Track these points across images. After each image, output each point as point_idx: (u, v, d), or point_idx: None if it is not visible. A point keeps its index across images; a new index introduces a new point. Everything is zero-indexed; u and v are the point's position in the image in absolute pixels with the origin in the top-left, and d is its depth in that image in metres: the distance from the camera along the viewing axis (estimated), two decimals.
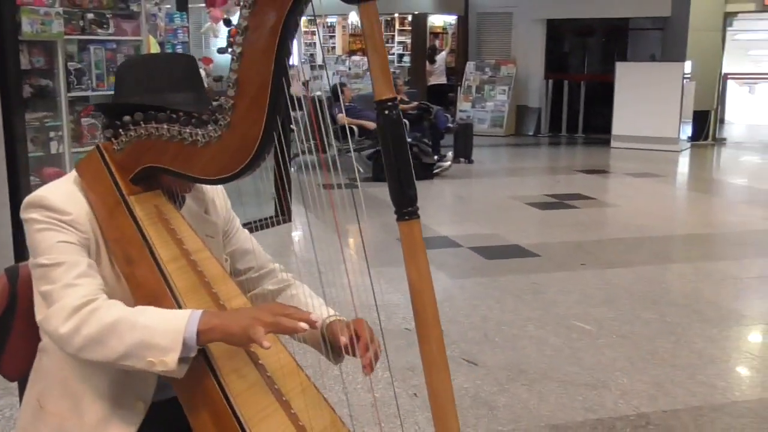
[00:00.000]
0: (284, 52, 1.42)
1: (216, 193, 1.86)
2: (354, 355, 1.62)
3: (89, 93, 4.93)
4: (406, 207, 1.43)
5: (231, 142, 1.47)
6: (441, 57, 14.89)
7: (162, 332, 1.40)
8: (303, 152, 1.61)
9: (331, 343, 1.70)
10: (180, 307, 1.51)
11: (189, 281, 1.60)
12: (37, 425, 1.62)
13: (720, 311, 4.57)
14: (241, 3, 1.44)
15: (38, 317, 1.49)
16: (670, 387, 3.49)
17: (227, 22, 5.13)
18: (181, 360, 1.41)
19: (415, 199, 1.43)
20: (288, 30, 1.40)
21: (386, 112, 1.40)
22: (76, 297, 1.44)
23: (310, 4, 1.41)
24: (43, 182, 4.56)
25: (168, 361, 1.39)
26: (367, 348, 1.61)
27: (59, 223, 1.53)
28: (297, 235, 6.31)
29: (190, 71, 1.68)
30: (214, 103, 1.51)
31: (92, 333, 1.42)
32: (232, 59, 1.44)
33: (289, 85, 1.46)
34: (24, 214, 1.56)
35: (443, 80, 14.80)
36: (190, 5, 5.87)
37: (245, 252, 1.87)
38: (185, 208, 1.75)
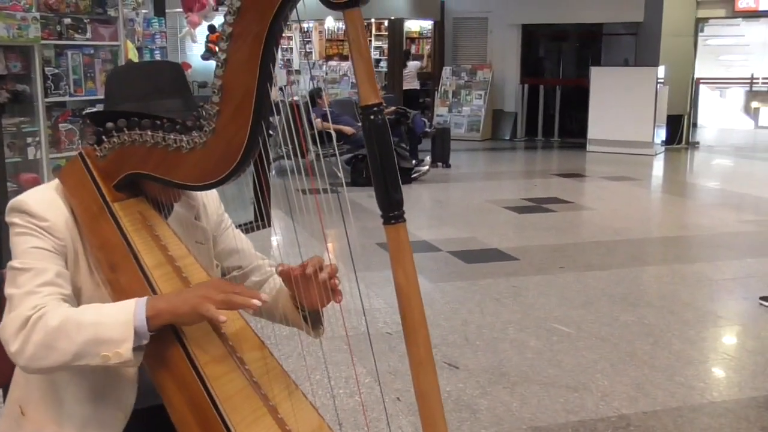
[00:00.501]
0: (269, 57, 1.43)
1: (207, 198, 1.85)
2: (329, 301, 1.63)
3: (66, 98, 4.88)
4: (392, 211, 1.44)
5: (216, 148, 1.47)
6: (412, 64, 14.94)
7: (111, 325, 1.41)
8: (282, 157, 1.61)
9: (308, 311, 1.69)
10: None
11: (174, 287, 1.59)
12: None
13: (697, 313, 4.63)
14: (226, 9, 1.45)
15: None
16: (649, 388, 3.53)
17: (211, 28, 5.12)
18: (135, 349, 1.42)
19: (401, 202, 1.44)
20: (273, 36, 1.41)
21: (372, 117, 1.41)
22: (28, 307, 1.44)
23: (294, 9, 1.42)
24: (21, 188, 4.54)
25: (122, 352, 1.40)
26: (333, 272, 1.61)
27: (36, 228, 1.53)
28: (276, 240, 6.29)
29: (177, 78, 1.69)
30: (199, 109, 1.51)
31: (40, 339, 1.41)
32: (217, 65, 1.45)
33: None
34: (7, 218, 1.58)
35: (415, 86, 14.86)
36: (166, 10, 5.84)
37: (232, 251, 1.88)
38: (174, 215, 1.75)
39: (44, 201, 1.57)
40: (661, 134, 12.52)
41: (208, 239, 1.81)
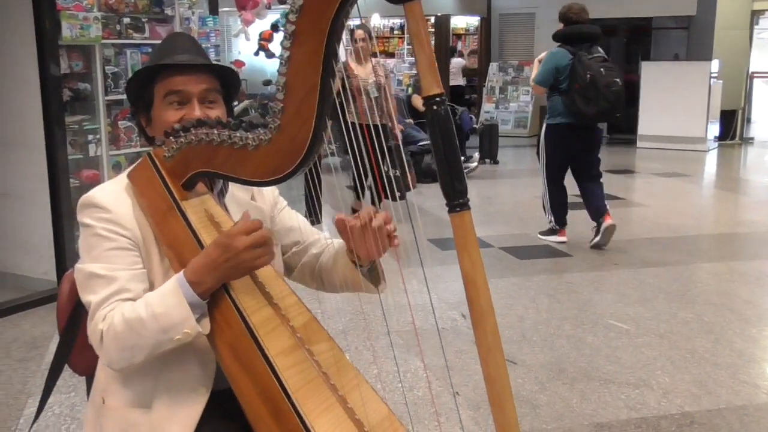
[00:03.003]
0: (331, 54, 1.44)
1: None
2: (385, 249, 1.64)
3: (125, 96, 4.98)
4: (457, 199, 1.45)
5: (281, 145, 1.49)
6: (456, 61, 14.89)
7: (168, 312, 1.48)
8: (332, 153, 1.62)
9: (367, 265, 1.72)
10: (237, 308, 1.54)
11: (243, 282, 1.61)
12: (100, 421, 1.66)
13: (758, 310, 4.52)
14: (288, 7, 1.46)
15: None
16: (712, 386, 3.46)
17: (274, 28, 5.14)
18: (198, 318, 1.50)
19: (465, 191, 1.45)
20: (335, 32, 1.42)
21: (435, 107, 1.42)
22: (100, 319, 1.52)
23: (356, 5, 1.43)
24: (82, 184, 4.65)
25: (189, 330, 1.49)
26: (387, 219, 1.63)
27: (105, 224, 1.57)
28: (326, 236, 6.33)
29: (191, 42, 1.79)
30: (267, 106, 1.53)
31: (116, 347, 1.51)
32: (281, 63, 1.46)
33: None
34: (78, 217, 1.64)
35: (459, 82, 14.81)
36: (220, 9, 5.91)
37: (290, 228, 1.90)
38: (231, 196, 1.79)
39: (109, 194, 1.63)
40: (714, 130, 12.27)
41: (265, 219, 1.83)
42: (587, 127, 5.87)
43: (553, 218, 6.13)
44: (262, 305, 1.61)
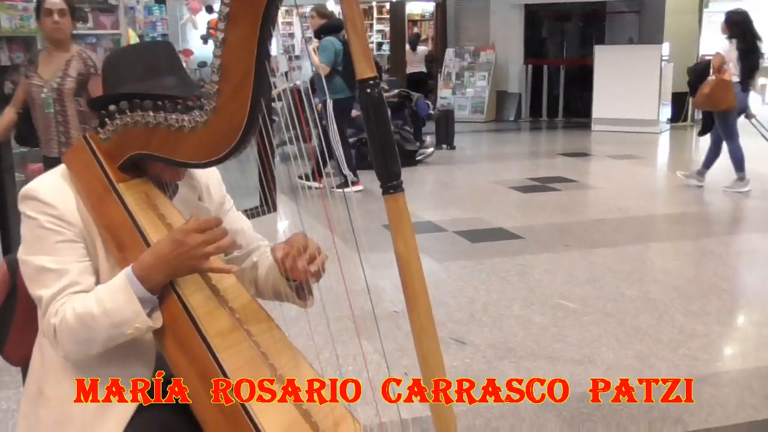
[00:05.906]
0: (266, 36, 1.46)
1: (211, 179, 1.88)
2: (312, 276, 1.66)
3: None
4: (391, 181, 1.48)
5: (217, 126, 1.51)
6: (421, 49, 14.94)
7: (118, 309, 1.49)
8: (285, 143, 1.63)
9: (295, 282, 1.74)
10: (174, 289, 1.55)
11: None
12: (37, 411, 1.65)
13: (701, 287, 4.64)
14: None
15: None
16: (654, 361, 3.56)
17: (209, 9, 5.14)
18: (149, 312, 1.52)
19: (399, 173, 1.48)
20: (269, 15, 1.44)
21: (368, 90, 1.45)
22: (52, 314, 1.52)
23: None
24: (28, 178, 4.57)
25: (141, 325, 1.51)
26: (312, 257, 1.65)
27: (50, 218, 1.56)
28: (283, 225, 6.33)
29: (169, 57, 1.71)
30: (201, 90, 1.54)
31: (71, 341, 1.52)
32: (216, 45, 1.47)
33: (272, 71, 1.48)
34: (20, 207, 1.62)
35: (422, 68, 14.85)
36: None
37: (235, 232, 1.88)
38: (178, 196, 1.78)
39: (53, 188, 1.61)
40: (666, 112, 12.48)
41: None
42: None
43: (352, 173, 7.43)
44: (200, 286, 1.63)
